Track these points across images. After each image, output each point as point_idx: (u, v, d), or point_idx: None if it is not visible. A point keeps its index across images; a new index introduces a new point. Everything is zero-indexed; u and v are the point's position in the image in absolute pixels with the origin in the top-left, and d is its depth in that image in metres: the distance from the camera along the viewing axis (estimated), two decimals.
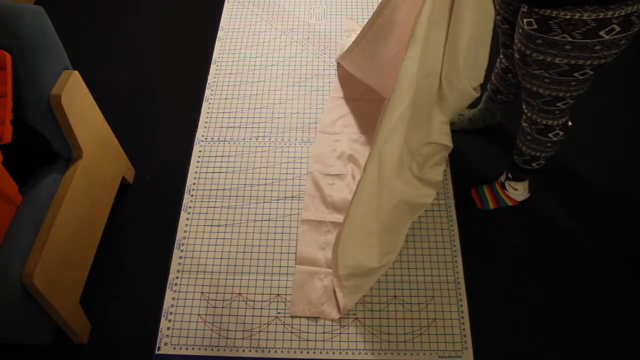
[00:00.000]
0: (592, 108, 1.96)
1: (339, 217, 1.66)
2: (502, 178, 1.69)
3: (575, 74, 1.22)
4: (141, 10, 2.36)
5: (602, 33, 1.11)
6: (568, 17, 1.11)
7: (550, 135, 1.43)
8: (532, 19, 1.18)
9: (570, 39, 1.14)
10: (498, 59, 1.64)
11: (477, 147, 1.88)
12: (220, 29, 2.25)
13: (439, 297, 1.53)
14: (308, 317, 1.50)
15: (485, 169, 1.79)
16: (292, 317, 1.50)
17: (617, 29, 1.10)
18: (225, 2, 2.36)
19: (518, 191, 1.66)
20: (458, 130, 1.90)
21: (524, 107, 1.44)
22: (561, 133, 1.44)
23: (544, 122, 1.41)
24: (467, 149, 1.87)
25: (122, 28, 2.28)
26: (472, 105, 1.89)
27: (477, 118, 1.87)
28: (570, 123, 1.90)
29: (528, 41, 1.22)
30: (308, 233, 1.65)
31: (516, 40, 1.28)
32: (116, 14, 2.34)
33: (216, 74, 2.08)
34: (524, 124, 1.48)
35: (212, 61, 2.13)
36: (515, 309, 1.53)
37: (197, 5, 2.37)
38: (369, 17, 2.27)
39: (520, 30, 1.24)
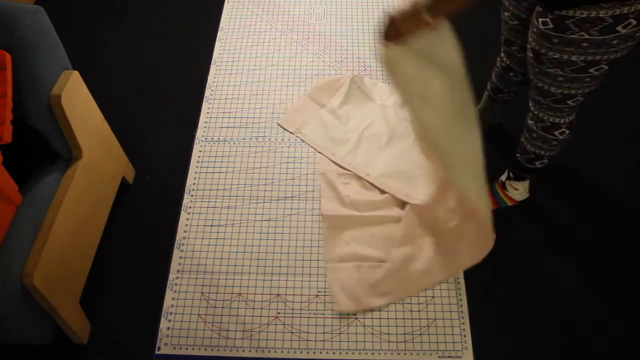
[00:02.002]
0: (592, 107, 1.96)
1: (359, 214, 1.67)
2: (503, 177, 1.69)
3: (591, 70, 1.21)
4: (141, 10, 2.36)
5: (619, 28, 1.11)
6: (584, 15, 1.10)
7: (556, 133, 1.43)
8: (547, 19, 1.17)
9: (587, 37, 1.14)
10: (498, 58, 1.64)
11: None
12: (220, 29, 2.25)
13: (439, 297, 1.53)
14: (356, 313, 1.50)
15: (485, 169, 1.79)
16: (340, 314, 1.50)
17: (634, 22, 1.10)
18: (225, 2, 2.36)
19: (518, 191, 1.66)
20: None
21: (530, 105, 1.44)
22: (567, 131, 1.43)
23: (551, 120, 1.40)
24: None
25: (122, 28, 2.28)
26: None
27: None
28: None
29: (543, 40, 1.21)
30: (332, 230, 1.65)
31: (530, 39, 1.28)
32: (116, 13, 2.34)
33: (216, 74, 2.08)
34: (530, 122, 1.47)
35: (212, 61, 2.13)
36: (515, 309, 1.53)
37: (197, 5, 2.37)
38: (369, 17, 2.28)
39: (534, 30, 1.23)
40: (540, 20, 1.20)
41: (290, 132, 1.90)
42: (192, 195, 1.75)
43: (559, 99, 1.33)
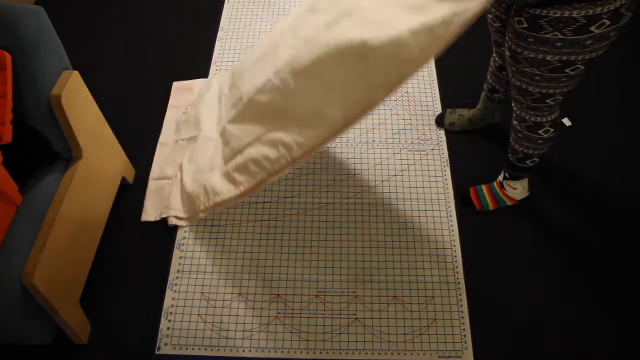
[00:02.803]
0: (592, 107, 1.96)
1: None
2: (500, 178, 1.69)
3: (567, 70, 1.23)
4: (141, 10, 2.36)
5: (592, 28, 1.12)
6: (558, 15, 1.11)
7: (540, 132, 1.44)
8: (522, 18, 1.19)
9: (561, 36, 1.15)
10: (492, 58, 1.65)
11: (477, 147, 1.88)
12: (220, 29, 2.25)
13: (439, 297, 1.53)
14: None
15: (485, 169, 1.79)
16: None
17: (607, 22, 1.11)
18: (225, 2, 2.36)
19: (517, 190, 1.66)
20: (458, 131, 1.90)
21: (513, 104, 1.45)
22: (551, 130, 1.44)
23: (532, 119, 1.42)
24: (466, 149, 1.87)
25: (122, 28, 2.28)
26: (471, 106, 1.89)
27: (476, 118, 1.87)
28: (569, 123, 1.91)
29: (519, 39, 1.23)
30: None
31: (507, 38, 1.29)
32: (116, 14, 2.34)
33: (216, 74, 2.08)
34: (514, 122, 1.49)
35: (212, 61, 2.13)
36: (515, 308, 1.53)
37: (197, 5, 2.37)
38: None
39: (511, 29, 1.25)
40: (515, 19, 1.21)
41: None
42: None
43: (537, 98, 1.34)
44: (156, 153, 1.85)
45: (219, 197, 1.52)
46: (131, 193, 1.77)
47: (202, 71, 2.09)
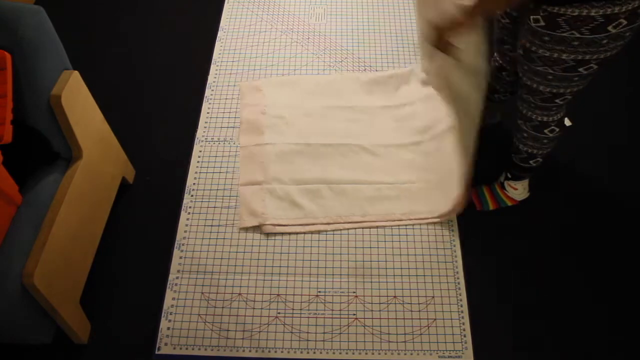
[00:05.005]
0: (593, 107, 1.96)
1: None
2: (502, 178, 1.69)
3: (580, 69, 1.22)
4: (141, 10, 2.36)
5: (609, 28, 1.12)
6: (576, 13, 1.11)
7: (545, 131, 1.44)
8: (539, 16, 1.18)
9: (578, 35, 1.15)
10: (492, 58, 1.64)
11: (477, 147, 1.87)
12: (220, 29, 2.25)
13: (439, 297, 1.53)
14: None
15: (485, 169, 1.79)
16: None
17: (624, 22, 1.11)
18: (225, 2, 2.36)
19: (517, 191, 1.66)
20: None
21: (519, 104, 1.45)
22: (557, 129, 1.44)
23: (539, 119, 1.42)
24: None
25: (122, 28, 2.28)
26: None
27: None
28: (570, 123, 1.91)
29: (534, 37, 1.22)
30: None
31: (520, 36, 1.28)
32: (116, 14, 2.34)
33: (216, 74, 2.08)
34: (519, 121, 1.49)
35: (212, 61, 2.13)
36: (515, 309, 1.53)
37: (197, 5, 2.37)
38: (369, 17, 2.28)
39: (526, 27, 1.24)
40: (532, 17, 1.20)
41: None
42: (192, 195, 1.75)
43: (547, 97, 1.33)
44: (240, 157, 1.81)
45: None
46: (131, 193, 1.77)
47: (202, 71, 2.09)
